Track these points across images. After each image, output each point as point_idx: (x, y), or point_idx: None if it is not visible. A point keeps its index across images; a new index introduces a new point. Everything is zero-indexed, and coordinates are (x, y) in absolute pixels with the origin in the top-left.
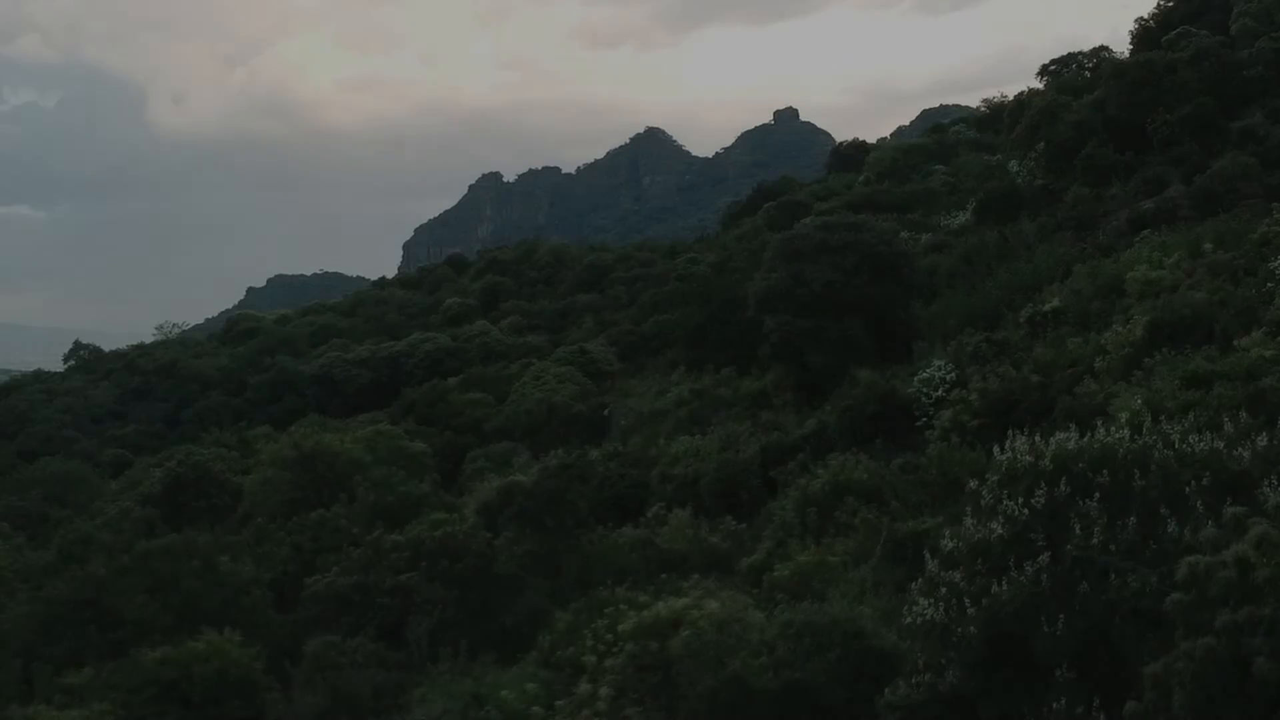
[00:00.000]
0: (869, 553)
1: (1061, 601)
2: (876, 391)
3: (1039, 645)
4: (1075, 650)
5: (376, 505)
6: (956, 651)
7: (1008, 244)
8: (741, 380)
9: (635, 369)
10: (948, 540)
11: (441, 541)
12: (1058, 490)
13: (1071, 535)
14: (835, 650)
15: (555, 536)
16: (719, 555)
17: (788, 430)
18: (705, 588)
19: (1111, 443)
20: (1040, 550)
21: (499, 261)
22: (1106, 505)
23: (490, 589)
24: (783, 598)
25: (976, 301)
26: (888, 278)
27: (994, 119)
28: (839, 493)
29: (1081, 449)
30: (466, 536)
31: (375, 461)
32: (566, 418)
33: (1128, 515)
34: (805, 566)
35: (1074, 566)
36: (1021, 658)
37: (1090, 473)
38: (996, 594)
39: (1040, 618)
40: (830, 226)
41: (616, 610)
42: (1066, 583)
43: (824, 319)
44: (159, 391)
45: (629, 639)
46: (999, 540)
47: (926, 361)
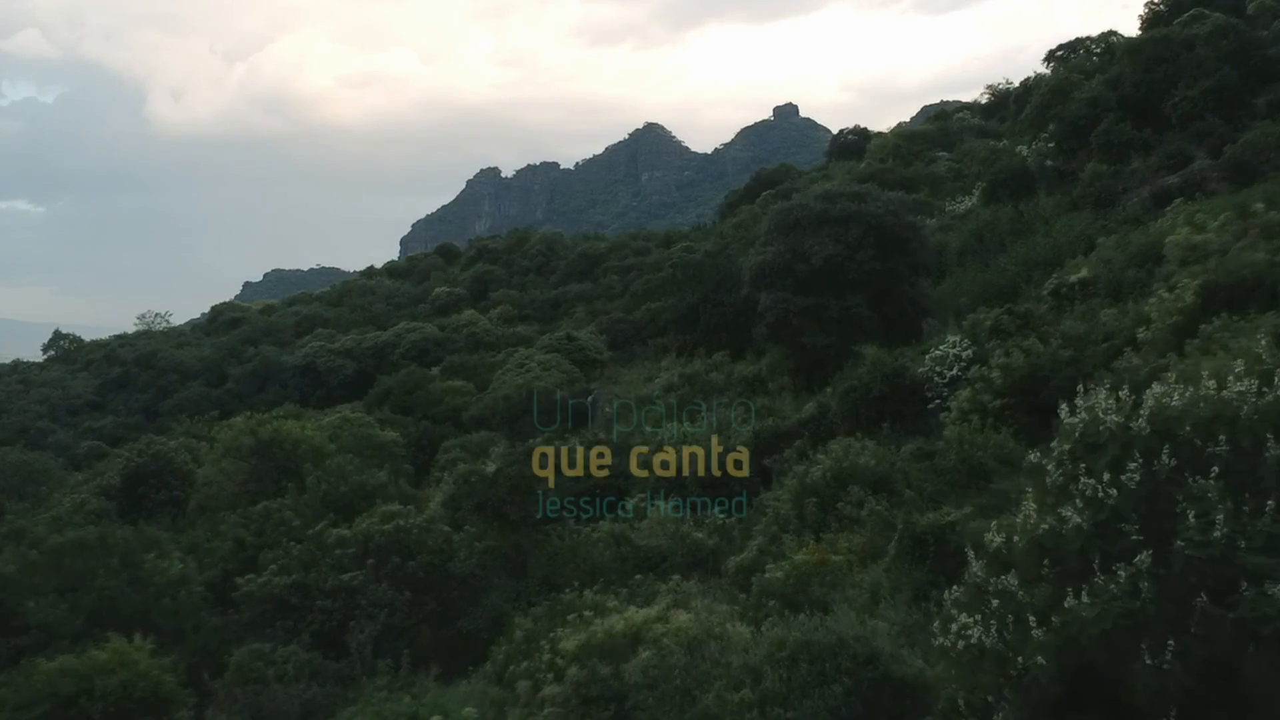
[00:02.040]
0: (879, 551)
1: (1170, 620)
2: (884, 370)
3: (1137, 682)
4: (1189, 690)
5: (328, 496)
6: (1015, 689)
7: (1022, 219)
8: (735, 364)
9: (626, 359)
10: (994, 534)
11: (392, 536)
12: (1159, 463)
13: (1182, 525)
14: (842, 681)
15: (519, 531)
16: (704, 553)
17: (784, 415)
18: (683, 591)
19: (1231, 398)
20: (1136, 547)
21: (489, 250)
22: (1230, 483)
23: (446, 590)
24: (775, 606)
25: (991, 278)
26: (894, 252)
27: (999, 106)
28: (842, 481)
29: (1188, 406)
30: (421, 531)
31: (339, 450)
32: (548, 405)
33: (1261, 497)
34: (803, 567)
35: (1187, 570)
36: (1110, 699)
37: (1201, 439)
38: (1074, 609)
39: (1139, 643)
40: (832, 196)
41: (580, 618)
42: (1177, 593)
43: (824, 296)
44: (138, 382)
45: (573, 660)
46: (1075, 532)
47: (939, 339)
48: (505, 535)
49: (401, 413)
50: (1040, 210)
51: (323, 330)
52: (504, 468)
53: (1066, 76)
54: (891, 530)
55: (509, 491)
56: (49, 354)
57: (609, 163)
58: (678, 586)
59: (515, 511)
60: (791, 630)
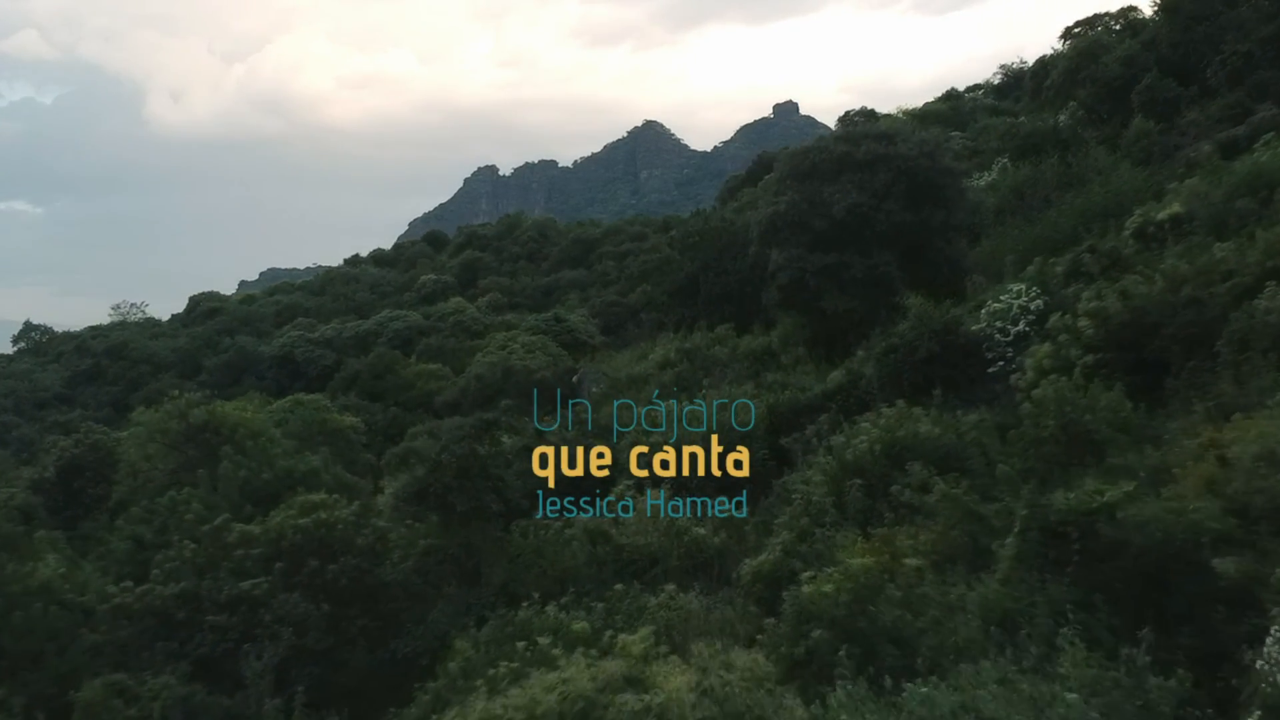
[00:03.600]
0: (958, 549)
1: None
2: (932, 326)
3: None
4: None
5: (247, 484)
6: None
7: (1070, 171)
8: (741, 338)
9: (620, 344)
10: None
11: (310, 534)
12: None
13: None
14: None
15: (470, 527)
16: (707, 554)
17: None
18: (680, 609)
19: None
20: None
21: (479, 237)
22: None
23: (379, 602)
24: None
25: (1042, 232)
26: (928, 201)
27: (1013, 86)
28: (896, 457)
29: None
30: (348, 527)
31: (286, 436)
32: (526, 385)
33: None
34: (862, 576)
35: None
36: None
37: None
38: None
39: None
40: (854, 138)
41: (534, 648)
42: None
43: (846, 253)
44: (108, 374)
45: None
46: None
47: (995, 291)
48: (453, 532)
49: (370, 399)
50: (1093, 162)
51: (303, 320)
52: (449, 445)
53: (1096, 39)
54: (973, 521)
55: (456, 476)
56: (19, 345)
57: (608, 161)
58: (672, 602)
59: (464, 502)
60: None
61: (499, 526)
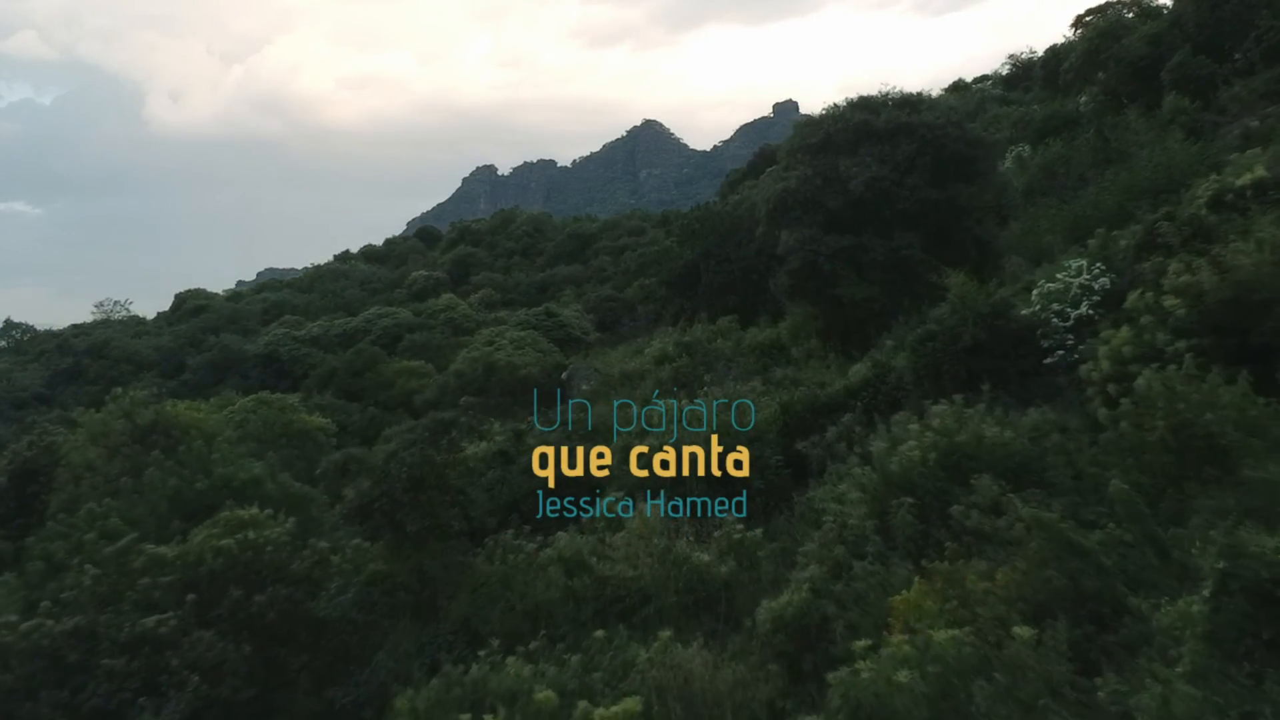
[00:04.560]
0: (1058, 595)
1: None
2: (977, 309)
3: None
4: None
5: (178, 495)
6: None
7: (1108, 145)
8: (746, 330)
9: (616, 339)
10: None
11: (234, 559)
12: None
13: None
14: None
15: (425, 551)
16: (713, 587)
17: (818, 384)
18: (677, 666)
19: None
20: None
21: (472, 232)
22: None
23: (312, 640)
24: None
25: (1082, 210)
26: (956, 175)
27: (1022, 77)
28: (955, 469)
29: None
30: (279, 550)
31: (243, 438)
32: (511, 383)
33: None
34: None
35: None
36: None
37: None
38: None
39: None
40: (873, 105)
41: None
42: None
43: (865, 234)
44: (89, 374)
45: None
46: None
47: (1045, 272)
48: (404, 557)
49: (348, 398)
50: (1133, 136)
51: (289, 317)
52: (399, 452)
53: (1118, 19)
54: (1075, 556)
55: (407, 489)
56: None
57: (607, 160)
58: (666, 657)
59: (416, 521)
60: None
61: (461, 549)
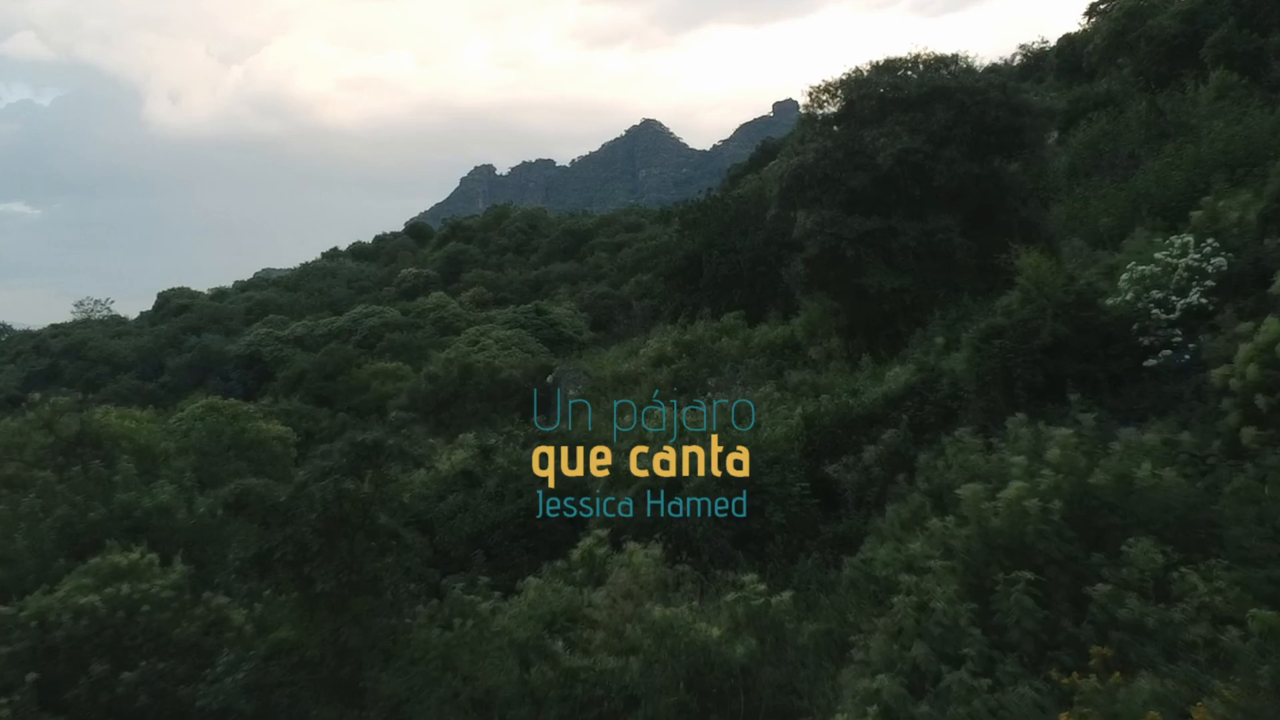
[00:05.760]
0: None
1: None
2: (1058, 299)
3: None
4: None
5: (68, 528)
6: None
7: (1161, 117)
8: (754, 328)
9: (610, 340)
10: None
11: (103, 620)
12: None
13: None
14: None
15: (342, 615)
16: (723, 679)
17: (837, 389)
18: None
19: None
20: None
21: (464, 228)
22: None
23: None
24: None
25: (1144, 187)
26: (998, 148)
27: (1034, 67)
28: (1085, 522)
29: None
30: (162, 610)
31: (181, 451)
32: (490, 387)
33: None
34: None
35: None
36: None
37: None
38: None
39: None
40: (899, 68)
41: None
42: None
43: (894, 216)
44: (65, 375)
45: None
46: None
47: (1129, 254)
48: (317, 622)
49: (319, 402)
50: (1191, 109)
51: (274, 316)
52: (308, 483)
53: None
54: None
55: (319, 531)
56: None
57: (606, 160)
58: None
59: (329, 575)
60: None
61: (399, 606)
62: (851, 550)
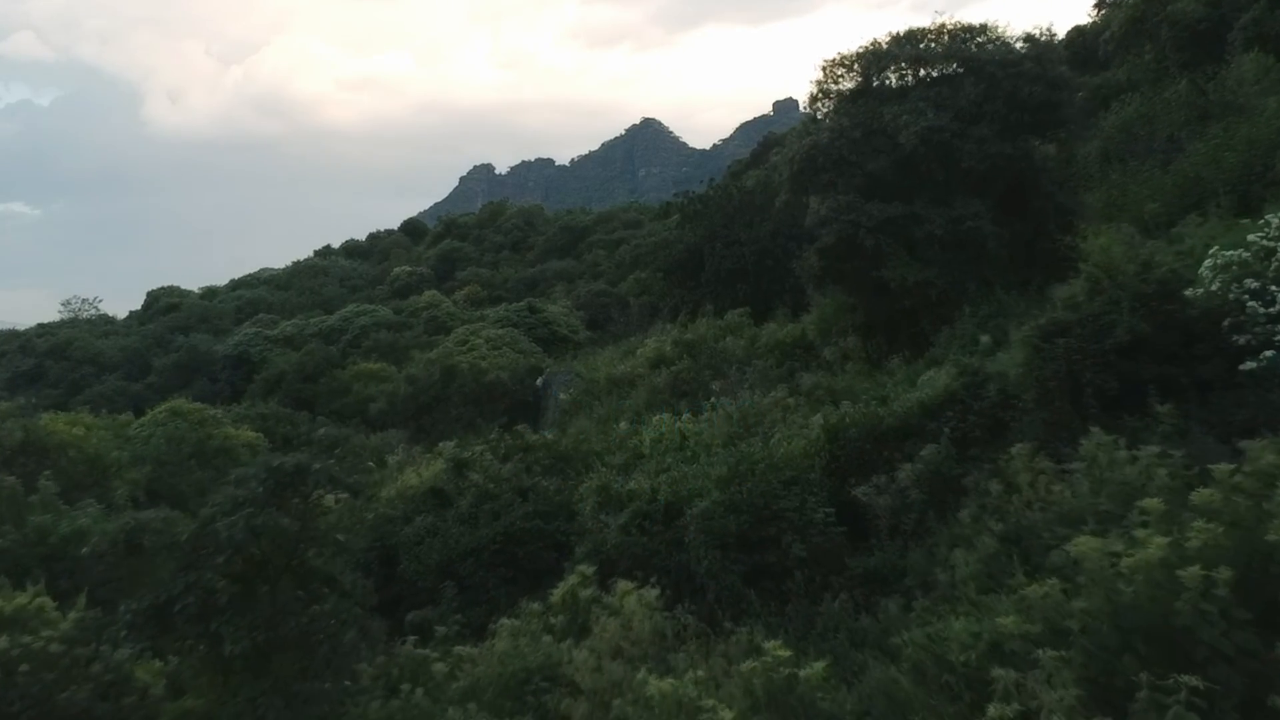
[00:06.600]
0: None
1: None
2: (1134, 289)
3: None
4: None
5: None
6: None
7: (1204, 97)
8: (762, 325)
9: (607, 339)
10: None
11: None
12: None
13: None
14: None
15: (266, 679)
16: None
17: (861, 396)
18: None
19: None
20: None
21: (459, 225)
22: None
23: None
24: None
25: (1191, 170)
26: (1031, 127)
27: None
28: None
29: None
30: (48, 669)
31: (135, 460)
32: (474, 390)
33: None
34: None
35: None
36: None
37: None
38: None
39: None
40: (923, 39)
41: None
42: None
43: (919, 201)
44: (50, 376)
45: None
46: None
47: (1201, 235)
48: (230, 689)
49: (298, 405)
50: (1234, 87)
51: (263, 315)
52: (215, 518)
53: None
54: None
55: (231, 577)
56: None
57: (605, 159)
58: None
59: (239, 634)
60: None
61: (333, 673)
62: (885, 589)
